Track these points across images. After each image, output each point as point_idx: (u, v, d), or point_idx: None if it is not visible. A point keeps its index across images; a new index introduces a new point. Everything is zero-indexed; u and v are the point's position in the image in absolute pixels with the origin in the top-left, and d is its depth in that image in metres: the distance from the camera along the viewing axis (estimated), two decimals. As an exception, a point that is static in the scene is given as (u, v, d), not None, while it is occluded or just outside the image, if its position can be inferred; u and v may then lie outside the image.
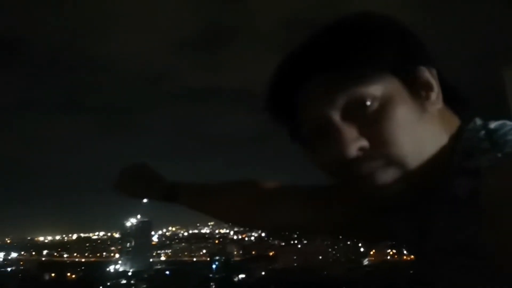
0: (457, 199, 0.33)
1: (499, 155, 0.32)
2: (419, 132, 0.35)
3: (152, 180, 0.69)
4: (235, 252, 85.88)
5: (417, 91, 0.36)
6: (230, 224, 0.69)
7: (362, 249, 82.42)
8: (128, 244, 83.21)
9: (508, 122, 0.35)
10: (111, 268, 78.64)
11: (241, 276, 64.60)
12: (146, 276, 69.90)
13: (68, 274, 68.31)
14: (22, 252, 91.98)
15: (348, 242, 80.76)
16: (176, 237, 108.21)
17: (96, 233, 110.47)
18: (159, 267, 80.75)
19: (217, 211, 0.68)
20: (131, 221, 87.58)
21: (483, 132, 0.34)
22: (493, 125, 0.35)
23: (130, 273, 71.66)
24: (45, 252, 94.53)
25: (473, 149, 0.34)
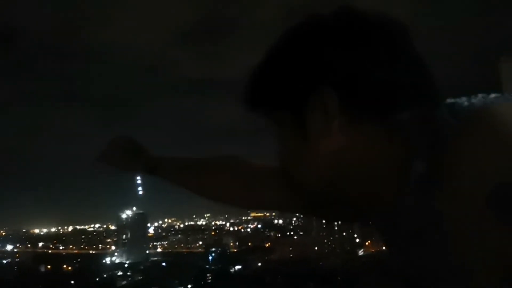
0: (422, 177, 0.33)
1: (457, 123, 0.33)
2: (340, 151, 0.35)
3: (137, 153, 0.69)
4: (231, 244, 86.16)
5: (312, 117, 0.35)
6: (210, 200, 0.67)
7: (357, 240, 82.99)
8: (124, 236, 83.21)
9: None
10: (107, 260, 78.68)
11: (238, 267, 64.80)
12: (142, 267, 69.98)
13: (64, 266, 68.27)
14: (18, 244, 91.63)
15: (344, 233, 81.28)
16: (172, 229, 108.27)
17: (92, 225, 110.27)
18: (155, 258, 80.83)
19: (198, 187, 0.67)
20: (127, 213, 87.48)
21: (448, 109, 0.35)
22: (455, 99, 0.36)
23: (126, 265, 71.76)
24: (40, 244, 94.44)
25: (442, 127, 0.33)
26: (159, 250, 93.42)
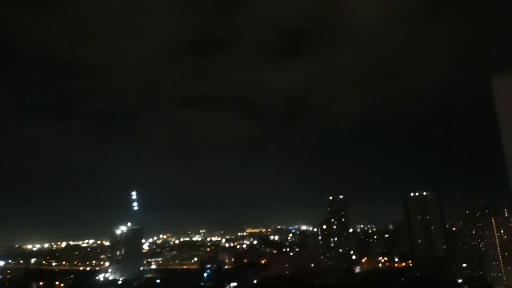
0: None
1: None
2: None
3: None
4: (227, 260, 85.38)
5: None
6: None
7: (354, 257, 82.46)
8: (118, 252, 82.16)
9: None
10: (101, 277, 77.56)
11: (233, 284, 64.05)
12: (136, 284, 68.92)
13: (57, 282, 67.14)
14: (9, 261, 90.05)
15: (340, 250, 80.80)
16: (167, 245, 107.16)
17: (86, 241, 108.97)
18: (149, 275, 79.77)
19: None
20: (122, 229, 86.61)
21: None
22: None
23: (120, 282, 70.72)
24: (33, 260, 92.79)
25: None
26: (153, 266, 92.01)
